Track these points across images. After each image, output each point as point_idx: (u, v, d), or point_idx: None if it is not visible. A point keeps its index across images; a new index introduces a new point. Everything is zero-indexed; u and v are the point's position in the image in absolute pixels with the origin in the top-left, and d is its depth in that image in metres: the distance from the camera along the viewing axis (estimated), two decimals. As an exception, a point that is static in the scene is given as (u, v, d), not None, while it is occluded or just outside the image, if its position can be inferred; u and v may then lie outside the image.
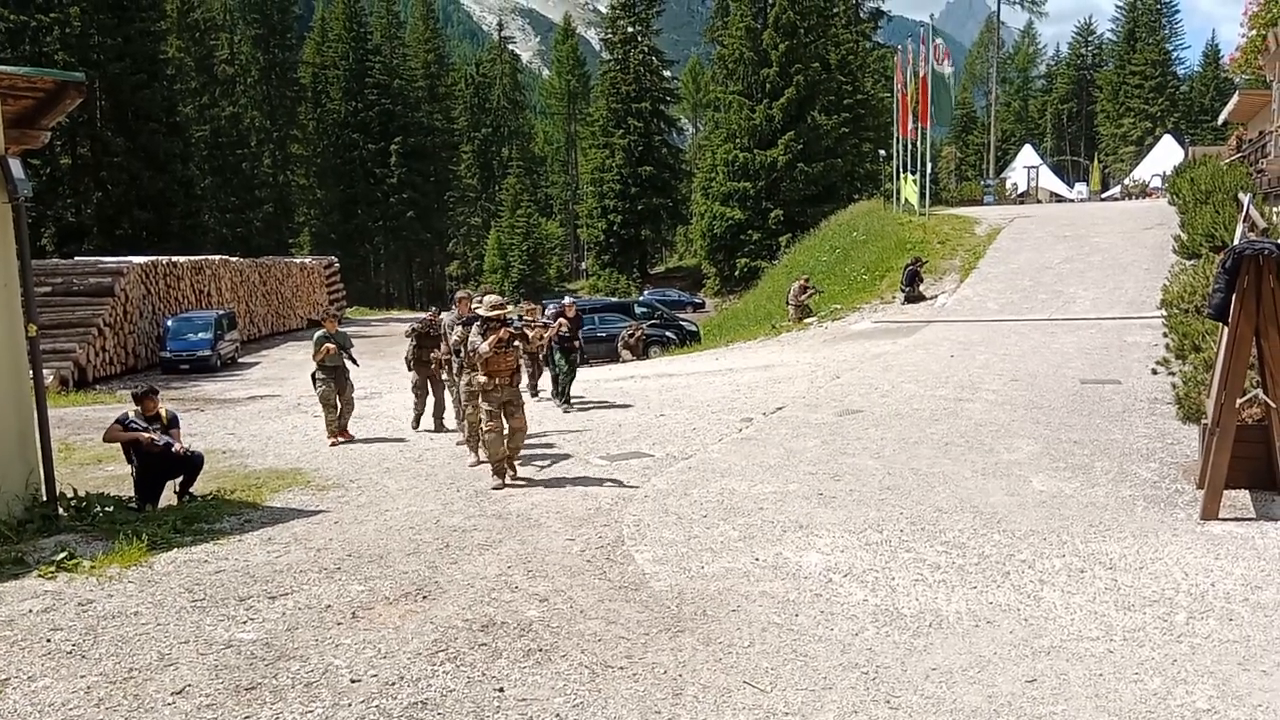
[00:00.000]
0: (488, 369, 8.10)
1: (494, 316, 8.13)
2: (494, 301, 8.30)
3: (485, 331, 8.10)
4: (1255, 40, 19.17)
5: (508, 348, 8.14)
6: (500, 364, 8.13)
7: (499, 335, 8.01)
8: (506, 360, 8.17)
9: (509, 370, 8.22)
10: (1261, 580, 5.51)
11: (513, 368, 8.26)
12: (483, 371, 8.14)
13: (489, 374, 8.12)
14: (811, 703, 4.24)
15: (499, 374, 8.15)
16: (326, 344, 10.88)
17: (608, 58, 60.64)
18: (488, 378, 8.13)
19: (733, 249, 46.74)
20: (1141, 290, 16.20)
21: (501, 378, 8.16)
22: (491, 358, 8.06)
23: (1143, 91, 66.60)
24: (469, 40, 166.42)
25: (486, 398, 8.17)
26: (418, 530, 6.88)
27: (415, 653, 4.75)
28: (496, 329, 8.08)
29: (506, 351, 8.13)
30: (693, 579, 5.81)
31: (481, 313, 8.27)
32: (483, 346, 7.99)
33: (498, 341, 8.02)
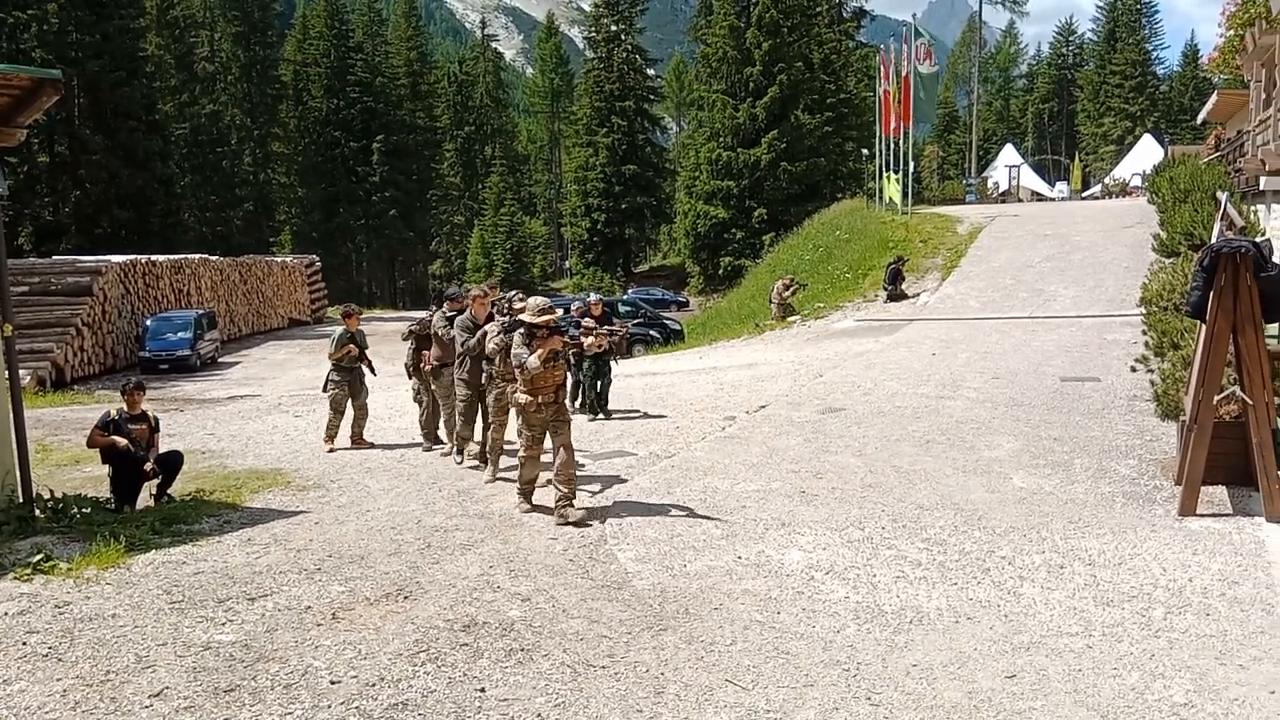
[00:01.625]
0: (532, 385, 6.89)
1: (542, 323, 6.88)
2: (541, 304, 7.04)
3: (531, 341, 6.85)
4: (1233, 40, 19.36)
5: (556, 360, 6.98)
6: (547, 379, 6.94)
7: (550, 346, 6.81)
8: (554, 375, 7.00)
9: (554, 385, 7.04)
10: (1238, 575, 5.57)
11: (559, 382, 7.09)
12: (525, 389, 6.90)
13: (533, 391, 6.92)
14: (793, 700, 4.25)
15: (543, 390, 6.97)
16: (350, 344, 10.21)
17: (591, 56, 60.57)
18: (531, 395, 6.91)
19: (716, 248, 46.79)
20: (1121, 288, 16.33)
21: (546, 394, 6.97)
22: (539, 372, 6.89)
23: (1123, 91, 67.14)
24: (452, 38, 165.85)
25: (528, 420, 6.99)
26: (399, 530, 6.85)
27: (396, 653, 4.72)
28: (546, 339, 6.83)
29: (555, 365, 6.97)
30: (675, 577, 5.81)
31: (526, 318, 6.97)
32: (532, 361, 6.73)
33: (551, 355, 6.86)
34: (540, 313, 6.94)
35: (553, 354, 6.88)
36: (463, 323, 8.70)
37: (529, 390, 6.93)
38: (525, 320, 6.99)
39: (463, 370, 8.73)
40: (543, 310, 6.97)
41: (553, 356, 6.89)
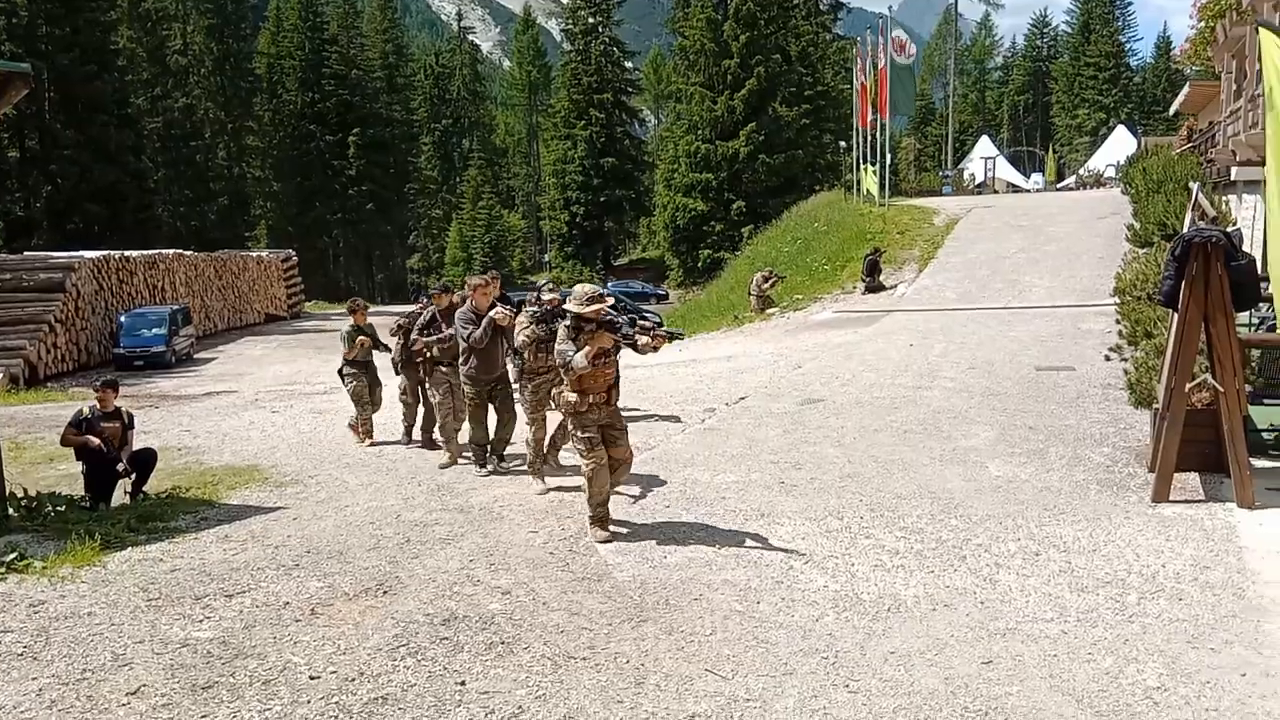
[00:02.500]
0: (580, 385, 6.19)
1: (591, 314, 6.08)
2: (589, 293, 6.19)
3: (577, 335, 6.14)
4: (1204, 32, 19.58)
5: (607, 358, 6.22)
6: (597, 378, 6.20)
7: (600, 344, 6.04)
8: (605, 373, 6.24)
9: (606, 385, 6.28)
10: (1210, 560, 5.65)
11: (610, 381, 6.30)
12: (573, 388, 6.21)
13: (581, 391, 6.21)
14: (772, 689, 4.28)
15: (594, 389, 6.23)
16: (361, 338, 9.87)
17: (569, 49, 60.38)
18: (579, 395, 6.20)
19: (695, 240, 46.81)
20: (1095, 278, 16.49)
21: (598, 394, 6.24)
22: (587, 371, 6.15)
23: (1097, 83, 67.72)
24: (428, 30, 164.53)
25: (579, 421, 6.24)
26: (378, 525, 6.82)
27: (376, 648, 4.71)
28: (595, 334, 6.08)
29: (606, 363, 6.22)
30: (655, 569, 5.83)
31: (572, 307, 6.15)
32: (578, 359, 5.98)
33: (600, 354, 6.09)
34: (588, 302, 6.09)
35: (603, 352, 6.09)
36: (464, 315, 7.94)
37: (578, 389, 6.17)
38: (571, 310, 6.15)
39: (468, 366, 8.01)
40: (591, 299, 6.10)
41: (603, 354, 6.09)
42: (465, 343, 7.86)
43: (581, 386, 6.18)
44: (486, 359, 7.94)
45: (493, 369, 8.05)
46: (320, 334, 28.59)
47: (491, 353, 7.94)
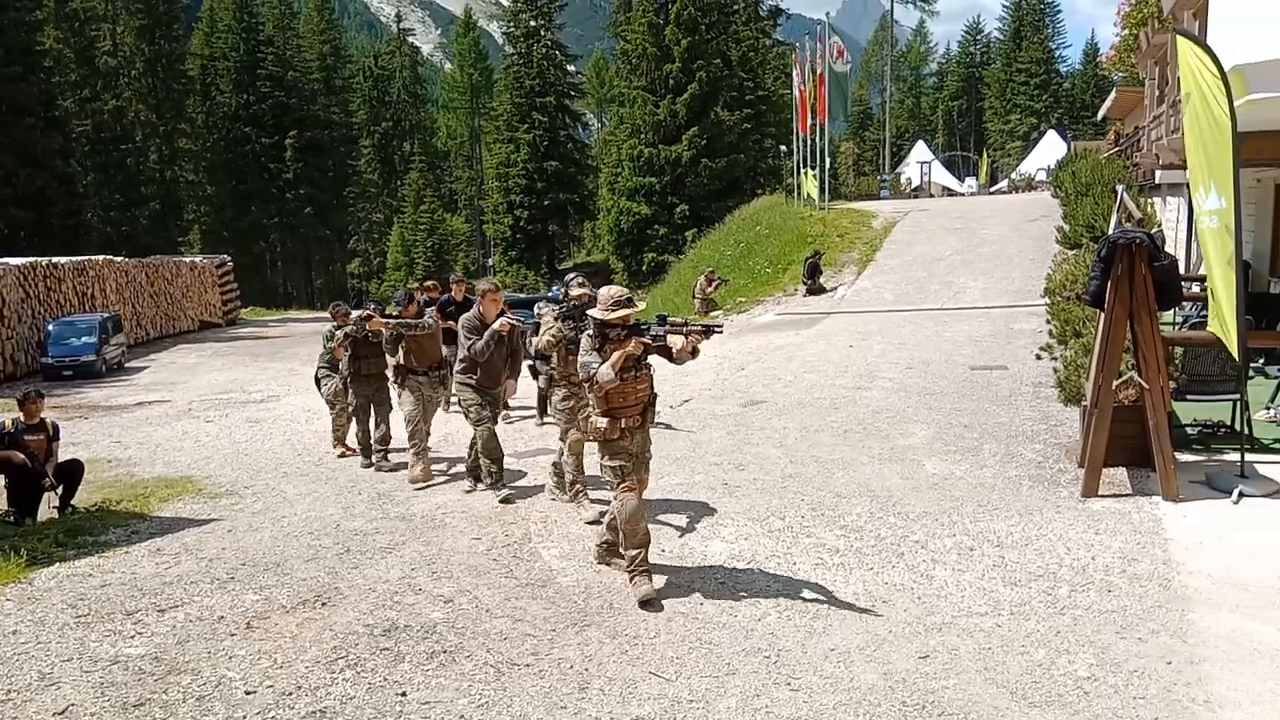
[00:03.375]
0: (609, 405, 5.29)
1: (617, 320, 5.27)
2: (615, 295, 5.32)
3: (602, 344, 5.29)
4: (1128, 39, 20.24)
5: (639, 370, 5.35)
6: (628, 394, 5.31)
7: (627, 351, 5.19)
8: (637, 389, 5.34)
9: (640, 405, 5.39)
10: (1137, 553, 5.83)
11: (645, 400, 5.42)
12: (601, 408, 5.30)
13: (611, 412, 5.29)
14: (715, 689, 4.30)
15: (626, 411, 5.33)
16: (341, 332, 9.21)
17: (510, 51, 59.99)
18: (609, 419, 5.28)
19: (640, 243, 46.86)
20: (1027, 279, 16.93)
21: (631, 417, 5.34)
22: (615, 387, 5.25)
23: (1028, 89, 69.53)
24: (367, 32, 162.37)
25: (611, 450, 5.33)
26: (316, 536, 6.70)
27: (314, 661, 4.63)
28: (622, 341, 5.26)
29: (638, 376, 5.34)
30: (600, 573, 5.82)
31: (597, 314, 5.31)
32: (604, 372, 5.13)
33: (627, 361, 5.21)
34: (614, 305, 5.27)
35: (632, 361, 5.26)
36: (469, 322, 7.48)
37: (606, 410, 5.30)
38: (595, 317, 5.32)
39: (468, 375, 7.50)
40: (617, 302, 5.27)
41: (632, 365, 5.27)
42: (467, 352, 7.40)
43: (611, 407, 5.28)
44: (490, 369, 7.51)
45: (497, 379, 7.65)
46: (257, 341, 28.00)
47: (495, 362, 7.51)
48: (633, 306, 5.32)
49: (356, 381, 9.07)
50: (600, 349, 5.26)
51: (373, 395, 9.07)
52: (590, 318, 5.41)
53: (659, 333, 5.32)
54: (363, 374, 9.03)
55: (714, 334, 5.47)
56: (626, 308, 5.28)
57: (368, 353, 8.98)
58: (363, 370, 9.02)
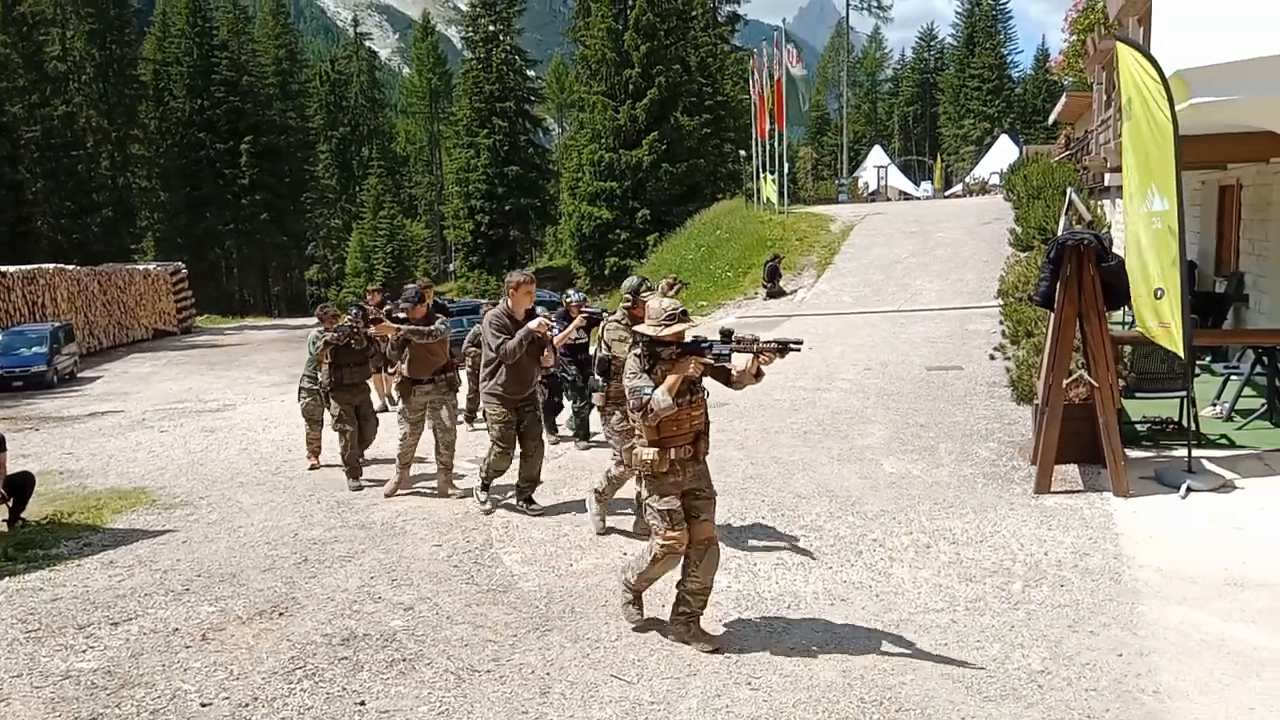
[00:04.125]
0: (660, 435, 4.58)
1: (672, 338, 4.56)
2: (668, 309, 4.57)
3: (653, 365, 4.57)
4: (1076, 45, 20.67)
5: (694, 394, 4.65)
6: (681, 423, 4.61)
7: (684, 373, 4.51)
8: (691, 415, 4.64)
9: (693, 432, 4.68)
10: (1089, 547, 5.96)
11: (699, 426, 4.70)
12: (650, 437, 4.58)
13: (661, 443, 4.59)
14: (676, 690, 4.32)
15: (677, 441, 4.63)
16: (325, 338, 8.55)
17: (469, 56, 59.75)
18: (659, 451, 4.57)
19: (601, 248, 46.89)
20: (981, 281, 17.22)
21: (682, 447, 4.63)
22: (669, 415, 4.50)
23: (981, 94, 70.73)
24: (323, 36, 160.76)
25: (659, 486, 4.62)
26: (273, 545, 6.62)
27: (271, 672, 4.57)
28: (677, 360, 4.56)
29: (693, 401, 4.63)
30: (561, 577, 5.82)
31: (648, 330, 4.57)
32: (659, 397, 4.43)
33: (682, 384, 4.53)
34: (666, 320, 4.54)
35: (689, 385, 4.59)
36: (496, 321, 6.70)
37: (657, 441, 4.60)
38: (644, 334, 4.61)
39: (495, 382, 6.82)
40: (671, 316, 4.55)
41: (689, 388, 4.60)
42: (495, 354, 6.69)
43: (661, 437, 4.59)
44: (519, 374, 6.84)
45: (525, 385, 6.97)
46: (213, 349, 27.55)
47: (526, 367, 6.87)
48: (688, 321, 4.60)
49: (338, 392, 8.43)
50: (651, 370, 4.55)
51: (357, 407, 8.53)
52: (638, 335, 4.65)
53: (722, 351, 4.58)
54: (345, 384, 8.42)
55: (791, 352, 4.63)
56: (681, 322, 4.55)
57: (350, 360, 8.40)
58: (344, 380, 8.40)
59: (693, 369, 4.53)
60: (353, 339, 8.32)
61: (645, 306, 4.68)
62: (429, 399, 7.61)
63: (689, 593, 4.75)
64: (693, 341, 4.63)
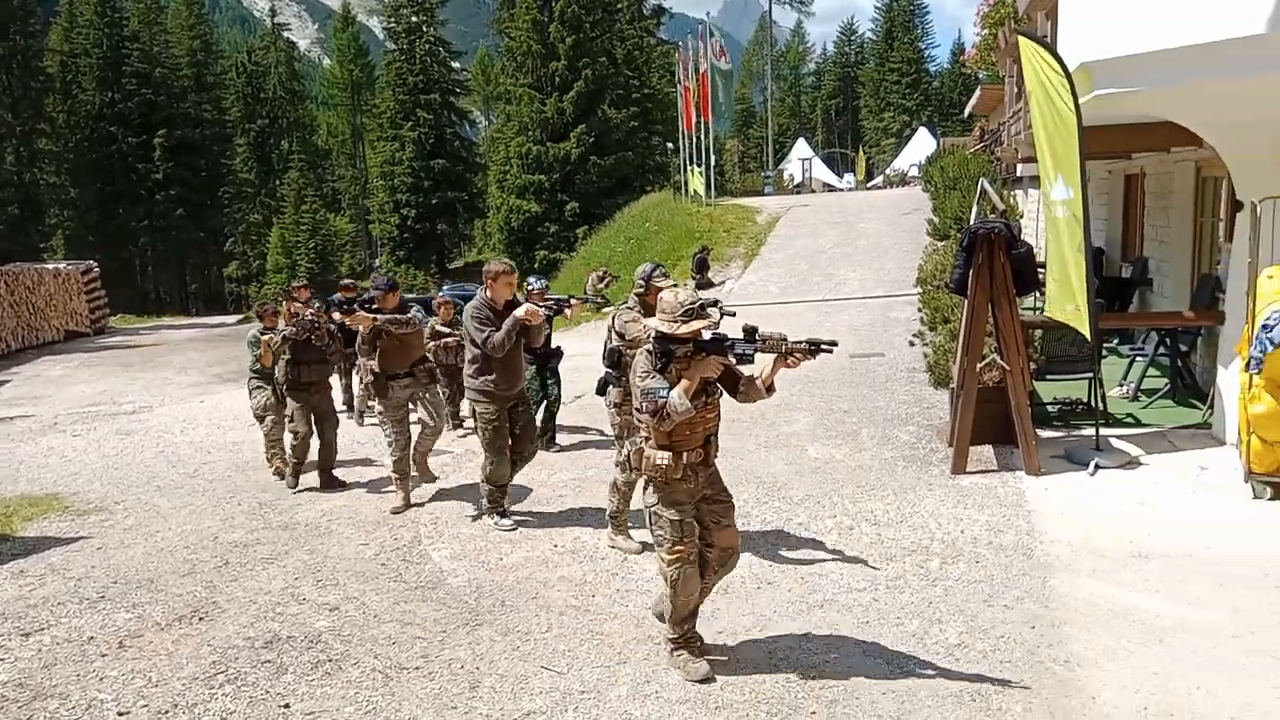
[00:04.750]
0: (673, 439, 4.20)
1: (688, 336, 4.14)
2: (684, 303, 4.14)
3: (666, 364, 4.17)
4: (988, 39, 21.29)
5: (709, 395, 4.25)
6: (694, 426, 4.21)
7: (704, 372, 4.13)
8: (705, 418, 4.25)
9: (705, 435, 4.29)
10: (1002, 525, 6.17)
11: (711, 429, 4.32)
12: (661, 441, 4.20)
13: (674, 446, 4.22)
14: (606, 679, 4.36)
15: (689, 444, 4.24)
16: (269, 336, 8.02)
17: (392, 47, 58.71)
18: (672, 455, 4.19)
19: (531, 241, 46.63)
20: (902, 270, 17.64)
21: (693, 451, 4.25)
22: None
23: (900, 87, 72.31)
24: (239, 26, 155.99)
25: (671, 495, 4.25)
26: (193, 550, 6.46)
27: (191, 677, 4.47)
28: (696, 360, 4.15)
29: (708, 403, 4.24)
30: (491, 571, 5.81)
31: (662, 326, 4.15)
32: (675, 399, 4.03)
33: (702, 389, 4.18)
34: (683, 316, 4.11)
35: (704, 385, 4.20)
36: (478, 312, 6.26)
37: (669, 444, 4.21)
38: (657, 330, 4.19)
39: (485, 379, 6.36)
40: (688, 312, 4.12)
41: (704, 389, 4.21)
42: (481, 348, 6.27)
43: (675, 440, 4.22)
44: (508, 368, 6.40)
45: (517, 379, 6.55)
46: (128, 350, 26.60)
47: (515, 360, 6.47)
48: (707, 317, 4.18)
49: (295, 391, 7.86)
50: (663, 370, 4.16)
51: (315, 406, 7.92)
52: (651, 331, 4.26)
53: (746, 350, 4.26)
54: (303, 381, 7.83)
55: (823, 353, 4.38)
56: (700, 319, 4.12)
57: (310, 357, 7.82)
58: (303, 378, 7.82)
59: (713, 368, 4.14)
60: (313, 334, 7.76)
61: (658, 298, 4.31)
62: (409, 393, 7.18)
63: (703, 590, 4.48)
64: (714, 339, 4.25)
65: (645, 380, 4.14)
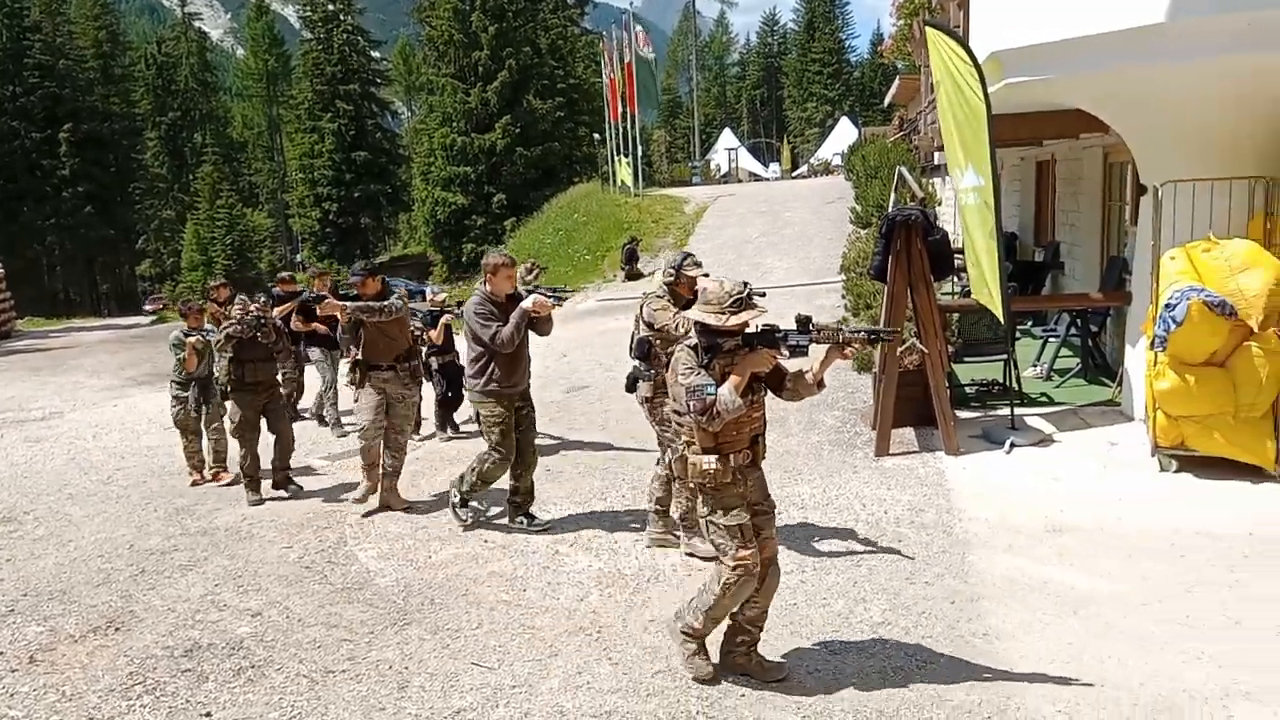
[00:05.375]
0: (720, 440, 3.91)
1: (735, 329, 3.82)
2: (731, 292, 3.81)
3: (711, 359, 3.86)
4: (904, 29, 21.68)
5: (755, 392, 3.98)
6: (742, 424, 3.93)
7: (756, 366, 3.89)
8: (752, 418, 3.98)
9: (752, 435, 4.02)
10: (924, 504, 6.33)
11: (758, 429, 4.06)
12: (706, 444, 3.91)
13: (722, 448, 3.92)
14: (538, 672, 4.35)
15: (736, 446, 3.95)
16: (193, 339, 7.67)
17: (309, 37, 57.28)
18: (720, 458, 3.90)
19: (458, 234, 46.04)
20: (826, 258, 17.91)
21: (740, 453, 3.96)
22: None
23: (822, 78, 73.39)
24: (148, 16, 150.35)
25: (721, 500, 3.95)
26: (108, 559, 6.23)
27: (107, 689, 4.32)
28: (746, 355, 3.88)
29: (754, 401, 3.97)
30: (420, 570, 5.74)
31: (708, 318, 3.82)
32: (726, 396, 3.75)
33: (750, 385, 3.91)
34: (731, 306, 3.78)
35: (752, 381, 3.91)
36: (481, 308, 5.91)
37: (717, 445, 3.92)
38: (700, 321, 3.87)
39: (489, 379, 6.01)
40: (736, 301, 3.79)
41: (750, 386, 3.91)
42: (486, 346, 5.94)
43: (723, 441, 3.92)
44: (514, 363, 6.07)
45: (523, 375, 6.20)
46: (36, 354, 25.44)
47: (521, 355, 6.14)
48: (754, 309, 3.82)
49: (240, 393, 7.37)
50: (708, 365, 3.85)
51: (264, 407, 7.49)
52: (694, 322, 3.92)
53: (800, 342, 3.97)
54: (247, 382, 7.34)
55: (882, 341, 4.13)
56: (749, 309, 3.80)
57: (255, 356, 7.36)
58: (248, 378, 7.33)
59: (766, 362, 3.88)
60: (259, 331, 7.28)
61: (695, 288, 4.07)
62: (388, 388, 6.77)
63: (748, 620, 4.15)
64: (765, 330, 3.94)
65: (690, 377, 3.82)
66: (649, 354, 5.67)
